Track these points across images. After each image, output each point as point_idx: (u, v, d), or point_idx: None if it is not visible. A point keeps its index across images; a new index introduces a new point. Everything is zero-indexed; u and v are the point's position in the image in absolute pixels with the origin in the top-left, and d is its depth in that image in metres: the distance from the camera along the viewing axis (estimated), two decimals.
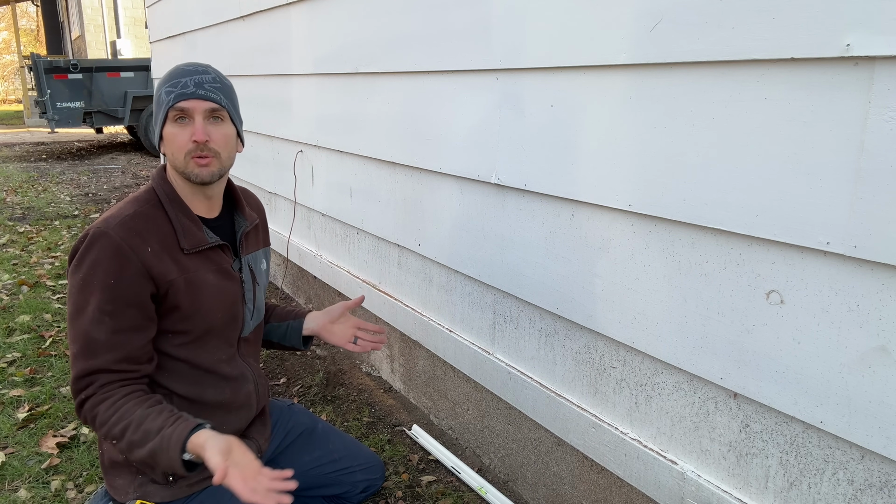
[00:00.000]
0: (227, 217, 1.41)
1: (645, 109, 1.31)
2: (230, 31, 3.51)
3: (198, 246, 1.30)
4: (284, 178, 3.18)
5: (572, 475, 1.68)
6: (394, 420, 2.29)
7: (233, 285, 1.36)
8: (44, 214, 5.60)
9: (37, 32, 26.82)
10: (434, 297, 2.13)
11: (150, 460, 1.16)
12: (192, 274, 1.28)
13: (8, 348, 2.83)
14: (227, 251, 1.37)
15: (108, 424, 1.18)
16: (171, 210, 1.28)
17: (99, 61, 9.17)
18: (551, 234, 1.60)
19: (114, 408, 1.18)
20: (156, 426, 1.16)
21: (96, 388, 1.20)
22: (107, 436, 1.19)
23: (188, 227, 1.29)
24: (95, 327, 1.19)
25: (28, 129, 14.30)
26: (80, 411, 1.23)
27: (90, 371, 1.20)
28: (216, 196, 1.37)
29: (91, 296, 1.19)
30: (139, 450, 1.16)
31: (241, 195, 1.45)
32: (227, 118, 1.30)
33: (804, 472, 1.15)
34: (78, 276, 1.20)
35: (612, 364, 1.50)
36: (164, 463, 1.14)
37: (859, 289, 1.02)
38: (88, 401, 1.20)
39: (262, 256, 1.50)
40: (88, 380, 1.20)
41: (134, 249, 1.20)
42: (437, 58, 1.90)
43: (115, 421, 1.18)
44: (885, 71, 0.94)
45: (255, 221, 1.46)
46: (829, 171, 1.02)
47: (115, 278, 1.19)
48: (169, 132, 1.27)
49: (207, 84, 1.27)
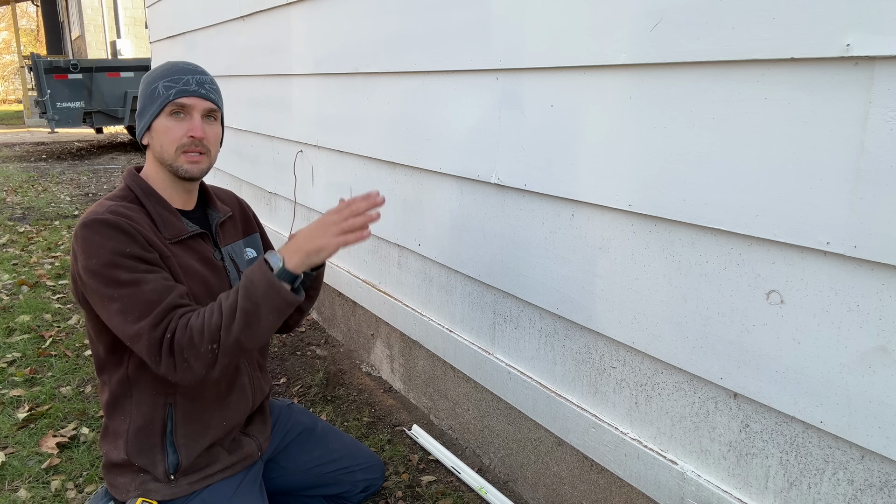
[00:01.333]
0: (201, 211, 1.44)
1: (645, 109, 1.31)
2: (230, 31, 3.51)
3: (179, 235, 1.31)
4: (284, 178, 3.18)
5: (572, 475, 1.68)
6: (394, 420, 2.29)
7: (218, 274, 1.37)
8: (44, 214, 5.60)
9: (37, 32, 26.83)
10: (434, 297, 2.13)
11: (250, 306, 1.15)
12: (178, 258, 1.29)
13: (8, 348, 2.83)
14: (207, 240, 1.38)
15: (205, 323, 1.15)
16: (149, 203, 1.30)
17: (99, 61, 9.17)
18: (551, 234, 1.60)
19: (199, 314, 1.17)
20: (245, 282, 1.17)
21: (176, 321, 1.16)
22: (209, 336, 1.14)
23: (167, 217, 1.31)
24: (140, 288, 1.16)
25: (28, 129, 14.30)
26: (171, 356, 1.14)
27: (165, 310, 1.16)
28: (194, 189, 1.40)
29: (117, 269, 1.16)
30: (238, 306, 1.15)
31: (210, 190, 1.48)
32: (220, 120, 1.37)
33: (804, 472, 1.15)
34: (95, 263, 1.16)
35: (612, 364, 1.50)
36: (263, 287, 1.15)
37: (859, 289, 1.02)
38: (175, 333, 1.15)
39: (244, 246, 1.51)
40: (167, 319, 1.15)
41: (132, 225, 1.21)
42: (437, 58, 1.90)
43: (207, 315, 1.16)
44: (885, 71, 0.94)
45: (229, 213, 1.48)
46: (829, 171, 1.02)
47: (129, 247, 1.18)
48: (162, 124, 1.28)
49: (207, 84, 1.32)
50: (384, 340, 2.52)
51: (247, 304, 1.15)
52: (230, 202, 1.55)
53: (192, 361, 1.15)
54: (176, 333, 1.15)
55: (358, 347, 2.76)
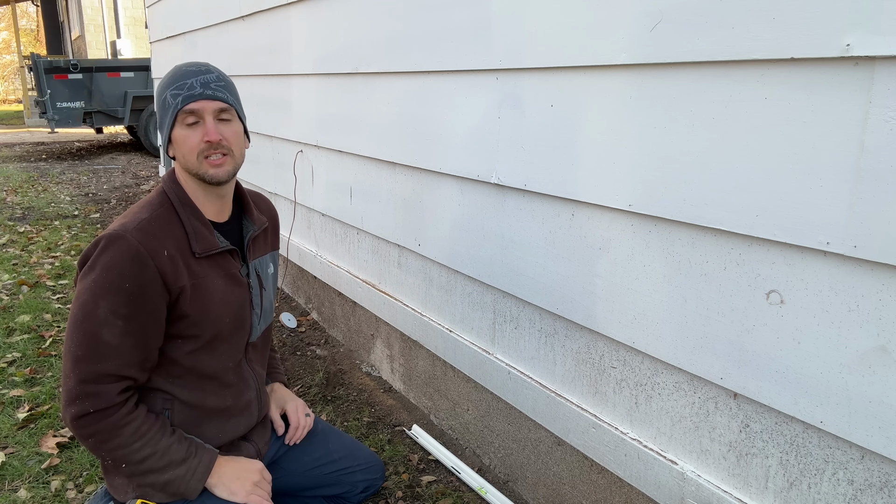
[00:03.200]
0: (237, 221, 1.41)
1: (645, 109, 1.31)
2: (230, 31, 3.51)
3: (209, 250, 1.29)
4: (284, 178, 3.18)
5: (572, 475, 1.68)
6: (394, 420, 2.29)
7: (240, 290, 1.35)
8: (44, 214, 5.60)
9: (37, 32, 26.82)
10: (434, 297, 2.13)
11: (158, 483, 1.24)
12: (201, 280, 1.27)
13: (8, 348, 2.83)
14: (235, 256, 1.36)
15: (130, 450, 1.19)
16: (184, 214, 1.27)
17: (99, 61, 9.16)
18: (551, 234, 1.60)
19: (137, 432, 1.20)
20: (179, 456, 1.24)
21: (108, 401, 1.17)
22: (119, 456, 1.19)
23: (200, 230, 1.28)
24: (107, 330, 1.16)
25: (28, 129, 14.30)
26: (77, 422, 1.17)
27: (96, 376, 1.16)
28: (228, 196, 1.36)
29: (103, 298, 1.16)
30: (152, 475, 1.22)
31: (249, 198, 1.44)
32: (235, 116, 1.31)
33: (804, 472, 1.15)
34: (90, 278, 1.17)
35: (612, 364, 1.50)
36: (174, 489, 1.25)
37: (859, 289, 1.02)
38: (100, 415, 1.16)
39: (269, 261, 1.49)
40: (93, 388, 1.16)
41: (151, 254, 1.18)
42: (437, 58, 1.90)
43: (137, 446, 1.19)
44: (885, 71, 0.94)
45: (265, 225, 1.45)
46: (829, 171, 1.02)
47: (130, 282, 1.16)
48: (179, 135, 1.25)
49: (213, 83, 1.27)
50: (384, 340, 2.52)
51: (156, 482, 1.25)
52: (267, 212, 1.52)
53: (89, 443, 1.20)
54: (103, 418, 1.18)
55: (358, 347, 2.76)
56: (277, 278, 1.55)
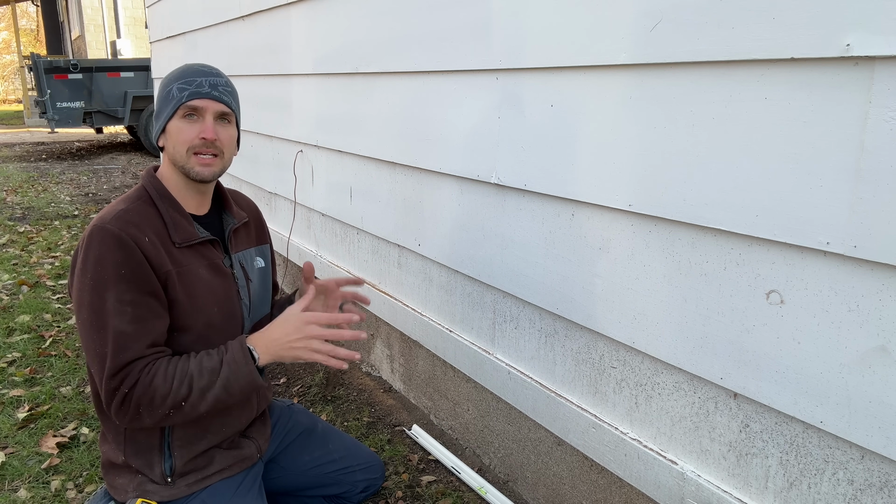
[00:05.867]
0: (216, 215, 1.42)
1: (645, 109, 1.31)
2: (230, 30, 3.51)
3: (189, 240, 1.30)
4: (284, 178, 3.18)
5: (572, 475, 1.68)
6: (394, 420, 2.29)
7: (225, 280, 1.36)
8: (44, 214, 5.60)
9: (37, 32, 26.82)
10: (434, 297, 2.13)
11: (224, 395, 1.22)
12: (184, 268, 1.28)
13: (8, 348, 2.83)
14: (217, 247, 1.37)
15: (172, 391, 1.18)
16: (162, 206, 1.29)
17: (99, 61, 9.17)
18: (551, 234, 1.60)
19: (166, 374, 1.19)
20: (214, 362, 1.22)
21: (137, 374, 1.18)
22: (172, 403, 1.19)
23: (179, 221, 1.30)
24: (119, 320, 1.17)
25: (28, 129, 14.30)
26: (123, 407, 1.18)
27: (125, 363, 1.17)
28: (208, 192, 1.39)
29: (106, 291, 1.17)
30: (212, 391, 1.21)
31: (228, 194, 1.46)
32: (234, 122, 1.36)
33: (804, 472, 1.15)
34: (87, 276, 1.18)
35: (612, 364, 1.50)
36: (243, 383, 1.22)
37: (859, 289, 1.02)
38: (135, 388, 1.17)
39: (255, 255, 1.49)
40: (125, 371, 1.17)
41: (134, 239, 1.20)
42: (437, 58, 1.90)
43: (177, 384, 1.19)
44: (885, 71, 0.94)
45: (245, 219, 1.47)
46: (829, 171, 1.02)
47: (125, 268, 1.18)
48: (175, 126, 1.28)
49: (221, 87, 1.31)
50: (384, 340, 2.52)
51: (222, 394, 1.22)
52: (248, 209, 1.53)
53: (145, 416, 1.19)
54: (136, 388, 1.17)
55: (358, 347, 2.76)
56: (271, 275, 1.55)
